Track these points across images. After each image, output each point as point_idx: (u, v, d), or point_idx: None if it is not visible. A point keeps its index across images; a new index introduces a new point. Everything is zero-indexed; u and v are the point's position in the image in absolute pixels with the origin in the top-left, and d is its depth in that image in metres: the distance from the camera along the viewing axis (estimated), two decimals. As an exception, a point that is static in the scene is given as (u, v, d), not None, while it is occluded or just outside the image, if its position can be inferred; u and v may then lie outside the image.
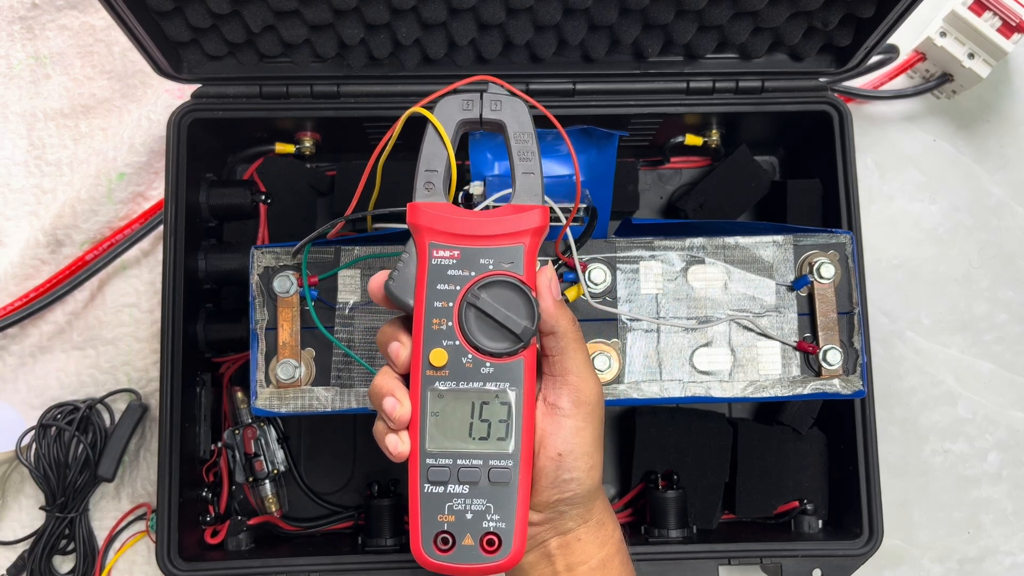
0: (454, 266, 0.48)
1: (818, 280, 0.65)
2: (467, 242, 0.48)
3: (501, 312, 0.47)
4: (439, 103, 0.51)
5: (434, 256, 0.48)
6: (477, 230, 0.48)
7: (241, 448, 0.72)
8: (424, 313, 0.48)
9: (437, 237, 0.48)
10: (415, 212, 0.49)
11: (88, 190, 0.78)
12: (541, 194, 0.49)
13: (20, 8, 0.83)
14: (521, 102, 0.50)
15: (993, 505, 0.81)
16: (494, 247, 0.48)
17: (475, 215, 0.49)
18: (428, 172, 0.50)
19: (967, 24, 0.80)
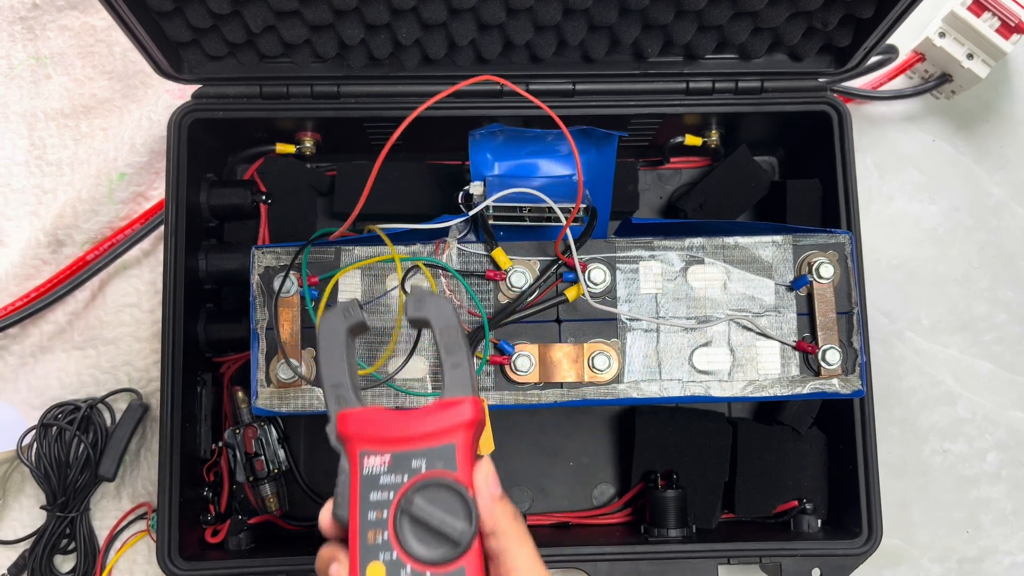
0: (385, 472, 0.45)
1: (817, 280, 0.65)
2: (397, 445, 0.45)
3: (437, 516, 0.44)
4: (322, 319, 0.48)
5: (365, 465, 0.45)
6: (406, 431, 0.45)
7: (242, 447, 0.72)
8: (359, 527, 0.45)
9: (366, 444, 0.45)
10: (345, 421, 0.46)
11: (89, 190, 0.78)
12: (472, 385, 0.46)
13: (21, 8, 0.83)
14: (445, 300, 0.48)
15: (992, 505, 0.81)
16: (425, 447, 0.45)
17: (403, 415, 0.46)
18: (335, 387, 0.47)
19: (966, 24, 0.80)
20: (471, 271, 0.64)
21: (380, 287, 0.64)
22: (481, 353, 0.62)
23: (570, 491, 0.78)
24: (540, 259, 0.64)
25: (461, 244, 0.65)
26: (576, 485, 0.78)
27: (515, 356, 0.63)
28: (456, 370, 0.46)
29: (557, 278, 0.64)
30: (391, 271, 0.64)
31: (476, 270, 0.64)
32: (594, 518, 0.77)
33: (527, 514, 0.76)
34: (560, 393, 0.64)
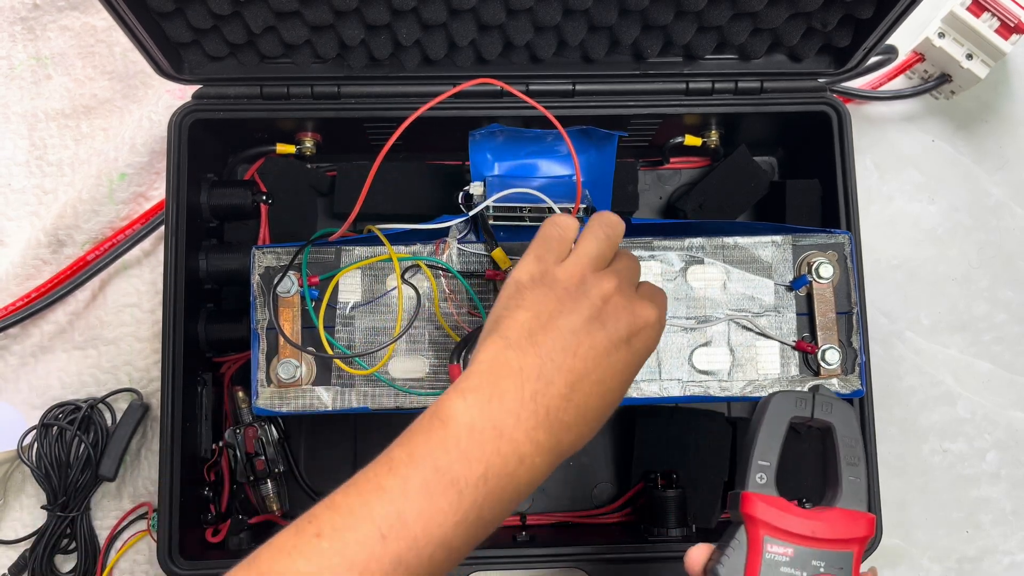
0: (787, 564, 0.49)
1: (817, 280, 0.65)
2: (802, 542, 0.50)
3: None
4: (774, 398, 0.52)
5: (768, 551, 0.50)
6: (812, 532, 0.50)
7: (242, 447, 0.72)
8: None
9: (772, 532, 0.50)
10: (751, 504, 0.50)
11: (89, 190, 0.79)
12: (867, 501, 0.51)
13: (21, 9, 0.83)
14: (850, 407, 0.53)
15: (992, 505, 0.81)
16: (826, 550, 0.50)
17: (807, 515, 0.50)
18: (762, 464, 0.52)
19: (965, 25, 0.80)
20: (471, 271, 0.64)
21: (380, 287, 0.64)
22: None
23: (570, 491, 0.78)
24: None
25: (461, 244, 0.65)
26: (576, 485, 0.78)
27: (515, 356, 0.63)
28: (856, 482, 0.51)
29: (557, 278, 0.64)
30: (391, 271, 0.64)
31: (476, 270, 0.65)
32: (594, 518, 0.77)
33: (527, 514, 0.77)
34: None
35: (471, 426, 0.43)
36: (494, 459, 0.43)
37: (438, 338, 0.64)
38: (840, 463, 0.52)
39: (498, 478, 0.43)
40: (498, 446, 0.43)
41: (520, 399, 0.44)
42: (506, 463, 0.43)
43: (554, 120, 0.58)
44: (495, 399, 0.44)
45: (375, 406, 0.63)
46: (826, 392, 0.53)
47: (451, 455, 0.43)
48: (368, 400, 0.63)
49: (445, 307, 0.64)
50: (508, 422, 0.44)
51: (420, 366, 0.64)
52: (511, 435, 0.43)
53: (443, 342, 0.64)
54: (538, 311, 0.47)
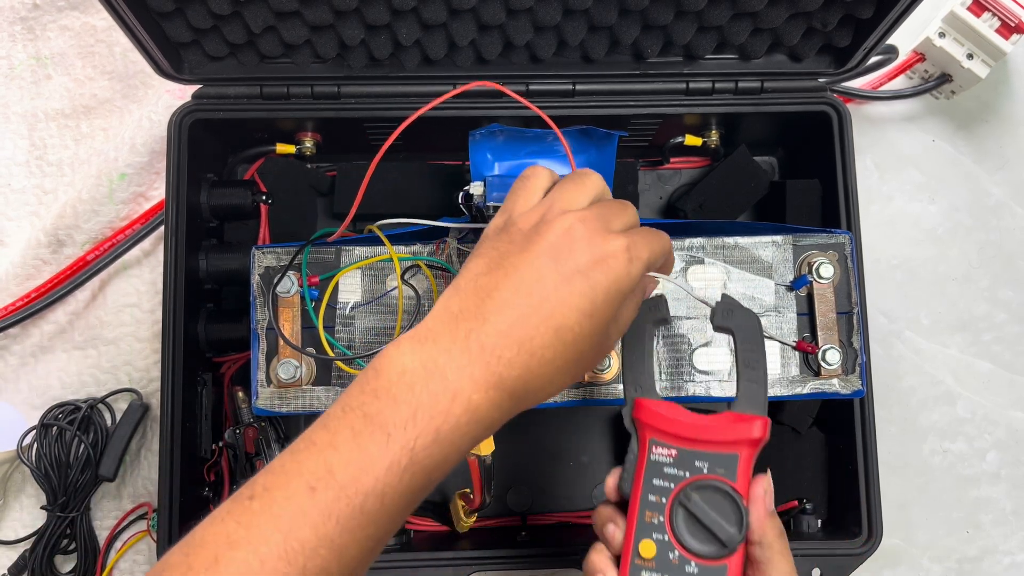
0: (671, 464, 0.50)
1: (817, 280, 0.65)
2: (685, 444, 0.50)
3: (710, 516, 0.48)
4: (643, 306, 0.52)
5: (653, 452, 0.50)
6: (695, 433, 0.50)
7: (242, 447, 0.72)
8: (639, 504, 0.50)
9: (658, 435, 0.50)
10: (640, 408, 0.51)
11: (89, 190, 0.79)
12: (765, 405, 0.50)
13: (21, 9, 0.83)
14: (752, 313, 0.52)
15: (992, 505, 0.81)
16: (711, 452, 0.49)
17: (697, 418, 0.50)
18: (636, 375, 0.52)
19: (966, 25, 0.80)
20: (471, 271, 0.64)
21: (380, 287, 0.64)
22: None
23: (570, 491, 0.78)
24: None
25: (461, 244, 0.65)
26: (576, 485, 0.78)
27: (515, 356, 0.63)
28: (753, 386, 0.50)
29: (557, 278, 0.64)
30: (391, 271, 0.64)
31: (476, 270, 0.64)
32: (594, 518, 0.77)
33: (527, 514, 0.77)
34: (560, 393, 0.64)
35: (402, 370, 0.42)
36: (423, 399, 0.42)
37: (438, 338, 0.64)
38: (739, 367, 0.51)
39: (430, 418, 0.41)
40: (427, 385, 0.42)
41: (453, 338, 0.43)
42: (437, 402, 0.42)
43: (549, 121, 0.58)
44: (428, 341, 0.43)
45: (375, 406, 0.63)
46: (728, 299, 0.52)
47: (381, 401, 0.42)
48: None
49: (445, 307, 0.64)
50: (439, 361, 0.42)
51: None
52: (442, 374, 0.42)
53: (443, 342, 0.64)
54: (490, 257, 0.46)
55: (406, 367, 0.42)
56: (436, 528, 0.75)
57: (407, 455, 0.41)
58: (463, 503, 0.67)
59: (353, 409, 0.42)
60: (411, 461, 0.41)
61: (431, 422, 0.41)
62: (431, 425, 0.41)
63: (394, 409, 0.41)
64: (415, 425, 0.41)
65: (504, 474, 0.76)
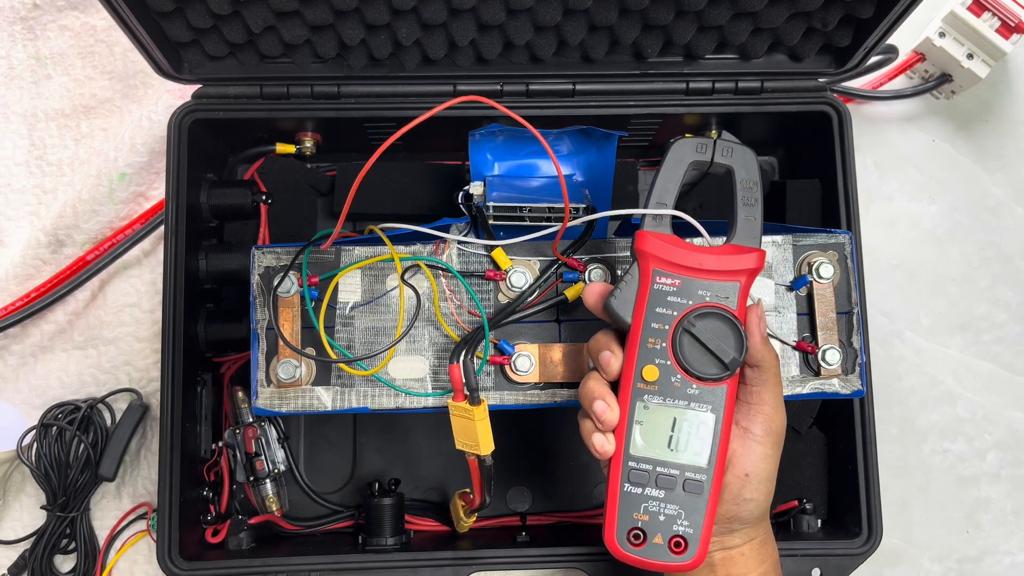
0: (674, 293, 0.53)
1: (817, 280, 0.65)
2: (688, 273, 0.53)
3: (713, 341, 0.52)
4: (675, 143, 0.55)
5: (656, 282, 0.53)
6: (699, 263, 0.53)
7: (242, 447, 0.72)
8: (641, 331, 0.53)
9: (661, 265, 0.53)
10: (643, 240, 0.53)
11: (89, 190, 0.78)
12: (759, 238, 0.54)
13: (21, 9, 0.83)
14: (751, 152, 0.55)
15: (992, 505, 0.81)
16: (712, 281, 0.53)
17: (698, 250, 0.53)
18: (658, 204, 0.54)
19: (966, 24, 0.80)
20: (471, 271, 0.64)
21: (380, 287, 0.64)
22: (481, 353, 0.63)
23: (570, 491, 0.78)
24: (540, 259, 0.64)
25: (461, 245, 0.65)
26: (576, 485, 0.78)
27: (515, 356, 0.63)
28: (749, 222, 0.54)
29: (557, 278, 0.64)
30: (391, 271, 0.64)
31: (476, 270, 0.64)
32: (594, 518, 0.77)
33: (527, 514, 0.77)
34: (560, 393, 0.64)
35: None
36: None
37: (438, 338, 0.64)
38: (737, 203, 0.54)
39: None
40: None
41: None
42: None
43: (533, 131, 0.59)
44: None
45: (375, 406, 0.63)
46: (728, 137, 0.56)
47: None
48: (368, 400, 0.63)
49: (445, 307, 0.64)
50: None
51: (420, 366, 0.64)
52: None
53: (443, 342, 0.64)
54: None
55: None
56: (436, 528, 0.75)
57: None
58: (463, 503, 0.67)
59: None
60: None
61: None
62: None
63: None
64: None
65: (504, 474, 0.76)
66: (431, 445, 0.78)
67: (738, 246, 0.53)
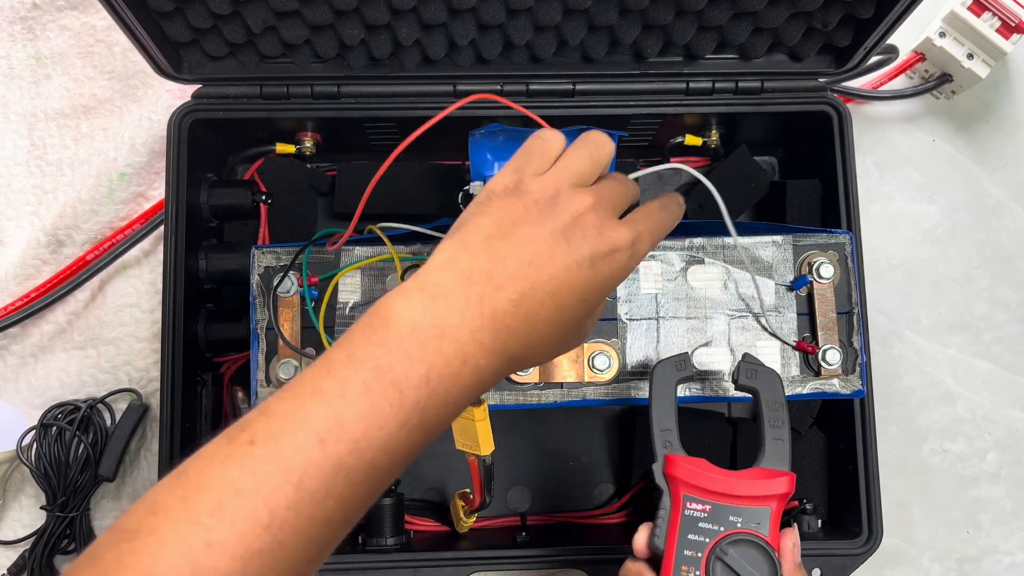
0: (705, 519, 0.53)
1: (817, 280, 0.65)
2: (719, 499, 0.53)
3: (746, 569, 0.51)
4: (656, 369, 0.56)
5: (688, 507, 0.53)
6: (729, 489, 0.53)
7: (242, 448, 0.72)
8: (675, 560, 0.52)
9: (692, 491, 0.53)
10: (673, 464, 0.54)
11: (89, 190, 0.78)
12: (789, 461, 0.54)
13: (21, 8, 0.83)
14: (775, 373, 0.56)
15: (992, 505, 0.81)
16: (743, 507, 0.53)
17: (727, 475, 0.53)
18: (664, 431, 0.55)
19: (966, 24, 0.80)
20: (471, 271, 0.64)
21: (380, 287, 0.64)
22: None
23: (570, 491, 0.78)
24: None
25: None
26: (576, 485, 0.78)
27: (515, 356, 0.63)
28: (778, 443, 0.55)
29: (557, 278, 0.64)
30: (391, 271, 0.64)
31: (476, 270, 0.64)
32: (594, 518, 0.77)
33: (527, 514, 0.77)
34: (560, 393, 0.64)
35: (413, 325, 0.41)
36: (436, 359, 0.41)
37: (438, 338, 0.64)
38: (764, 425, 0.55)
39: (441, 379, 0.41)
40: (440, 345, 0.41)
41: (466, 299, 0.42)
42: (449, 363, 0.41)
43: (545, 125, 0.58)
44: (439, 299, 0.42)
45: (375, 406, 0.63)
46: (751, 359, 0.56)
47: (392, 355, 0.41)
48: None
49: (445, 307, 0.64)
50: (451, 321, 0.42)
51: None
52: (454, 335, 0.42)
53: (443, 342, 0.64)
54: (501, 218, 0.45)
55: (417, 323, 0.41)
56: (436, 528, 0.75)
57: (418, 413, 0.41)
58: (463, 503, 0.67)
59: (363, 359, 0.41)
60: (420, 420, 0.41)
61: (441, 383, 0.41)
62: (441, 386, 0.41)
63: (407, 366, 0.41)
64: (428, 386, 0.41)
65: (504, 474, 0.76)
66: (431, 445, 0.77)
67: (767, 470, 0.54)
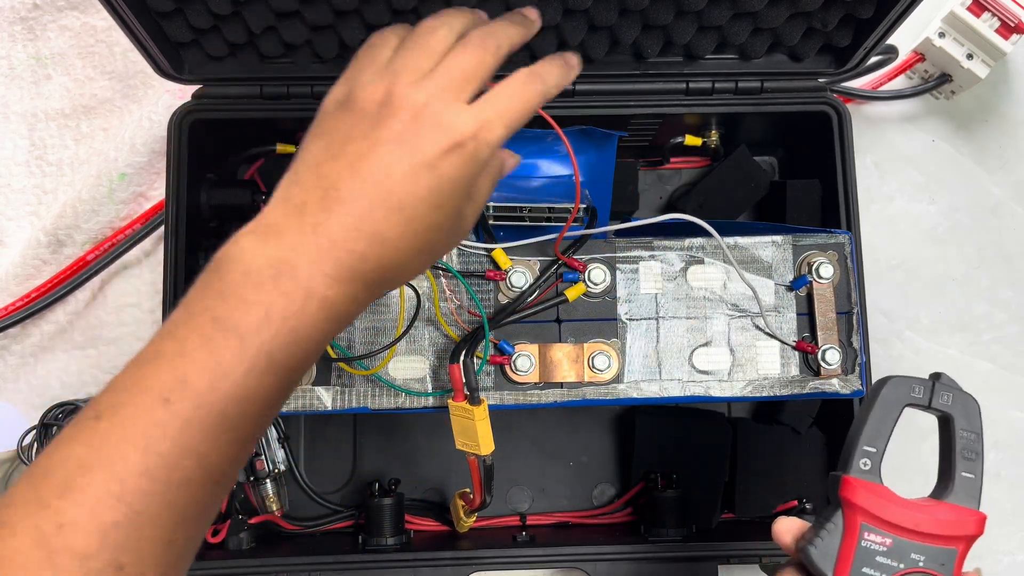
0: (884, 554, 0.48)
1: (817, 280, 0.65)
2: (902, 534, 0.48)
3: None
4: (889, 383, 0.51)
5: (865, 538, 0.48)
6: (915, 525, 0.48)
7: (242, 447, 0.72)
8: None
9: (871, 521, 0.48)
10: (853, 490, 0.49)
11: (89, 190, 0.78)
12: (979, 499, 0.49)
13: (21, 9, 0.83)
14: (973, 399, 0.50)
15: (992, 505, 0.81)
16: (928, 545, 0.48)
17: (913, 507, 0.49)
18: (867, 450, 0.50)
19: (966, 25, 0.80)
20: (471, 271, 0.64)
21: (380, 287, 0.64)
22: (481, 353, 0.63)
23: (570, 491, 0.78)
24: (540, 259, 0.64)
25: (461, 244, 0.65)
26: (576, 485, 0.78)
27: (515, 356, 0.63)
28: (970, 478, 0.49)
29: (557, 278, 0.64)
30: (391, 271, 0.64)
31: (476, 270, 0.65)
32: (594, 518, 0.77)
33: (527, 514, 0.77)
34: (560, 393, 0.64)
35: (247, 269, 0.40)
36: (275, 299, 0.40)
37: (438, 338, 0.64)
38: (955, 456, 0.50)
39: (284, 319, 0.40)
40: (278, 285, 0.40)
41: (300, 233, 0.41)
42: (290, 301, 0.40)
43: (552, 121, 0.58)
44: (271, 237, 0.41)
45: (375, 406, 0.63)
46: (948, 381, 0.51)
47: (229, 303, 0.40)
48: (368, 400, 0.63)
49: (445, 307, 0.64)
50: (288, 259, 0.41)
51: (420, 366, 0.64)
52: (291, 272, 0.40)
53: (443, 342, 0.64)
54: (331, 139, 0.43)
55: (251, 266, 0.41)
56: (436, 528, 0.75)
57: (264, 358, 0.40)
58: (463, 503, 0.67)
59: (199, 314, 0.40)
60: (269, 363, 0.40)
61: (286, 323, 0.40)
62: (286, 325, 0.40)
63: (244, 312, 0.40)
64: (270, 327, 0.40)
65: (504, 474, 0.76)
66: (431, 445, 0.78)
67: (957, 507, 0.49)
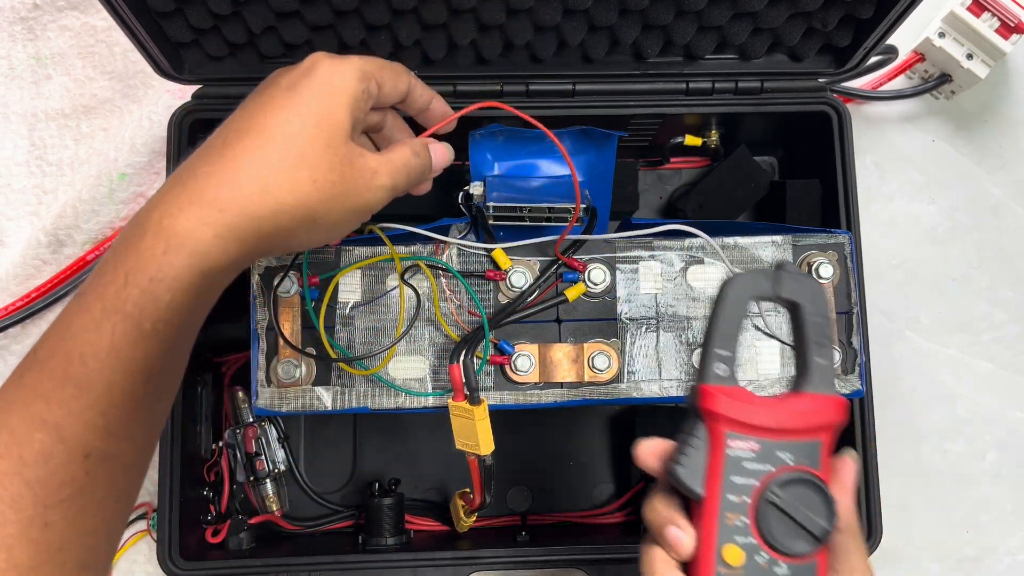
0: (751, 459, 0.45)
1: (817, 280, 0.65)
2: (766, 435, 0.45)
3: (801, 512, 0.45)
4: (733, 281, 0.47)
5: (730, 447, 0.45)
6: (777, 423, 0.46)
7: (242, 447, 0.72)
8: (718, 506, 0.45)
9: (735, 427, 0.45)
10: (711, 399, 0.46)
11: (89, 190, 0.79)
12: (834, 383, 0.47)
13: (21, 9, 0.83)
14: (819, 283, 0.48)
15: (992, 505, 0.81)
16: (792, 440, 0.46)
17: (770, 404, 0.46)
18: (721, 354, 0.47)
19: (966, 25, 0.80)
20: (471, 271, 0.64)
21: (380, 287, 0.64)
22: (481, 353, 0.63)
23: (570, 491, 0.78)
24: (540, 259, 0.64)
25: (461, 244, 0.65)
26: (576, 485, 0.78)
27: (515, 356, 0.63)
28: (825, 364, 0.47)
29: (557, 278, 0.64)
30: (391, 271, 0.64)
31: (476, 270, 0.65)
32: (594, 518, 0.77)
33: (527, 514, 0.77)
34: (560, 393, 0.64)
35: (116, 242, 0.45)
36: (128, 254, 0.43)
37: (438, 338, 0.64)
38: (808, 344, 0.47)
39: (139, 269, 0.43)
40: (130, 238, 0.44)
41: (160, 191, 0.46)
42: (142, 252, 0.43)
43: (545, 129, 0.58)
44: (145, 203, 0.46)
45: (375, 406, 0.63)
46: (793, 269, 0.48)
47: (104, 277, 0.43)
48: (368, 400, 0.63)
49: (445, 307, 0.64)
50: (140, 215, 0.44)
51: (420, 366, 0.64)
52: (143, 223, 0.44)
53: (443, 342, 0.64)
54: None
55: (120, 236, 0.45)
56: (436, 528, 0.75)
57: (120, 306, 0.42)
58: (463, 503, 0.67)
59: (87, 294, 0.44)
60: (125, 314, 0.42)
61: (141, 272, 0.42)
62: (143, 274, 0.42)
63: (104, 276, 0.42)
64: (126, 282, 0.42)
65: (504, 474, 0.76)
66: (431, 445, 0.78)
67: (815, 395, 0.46)
